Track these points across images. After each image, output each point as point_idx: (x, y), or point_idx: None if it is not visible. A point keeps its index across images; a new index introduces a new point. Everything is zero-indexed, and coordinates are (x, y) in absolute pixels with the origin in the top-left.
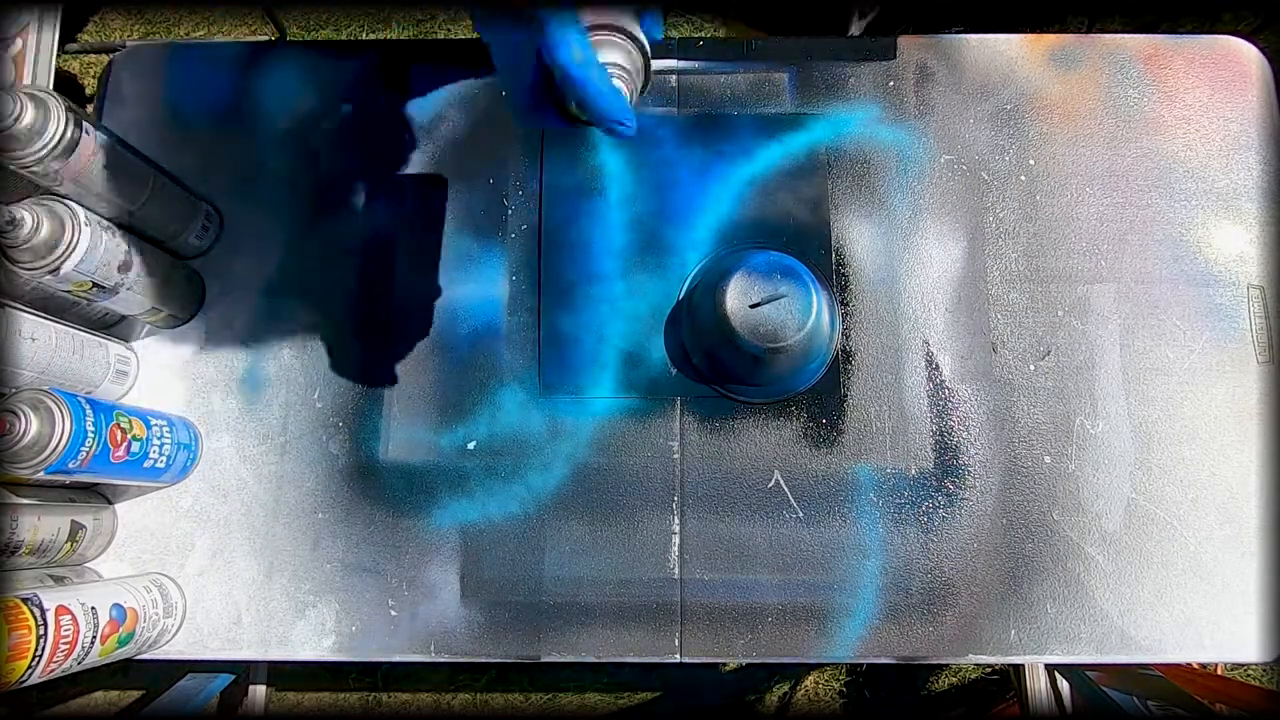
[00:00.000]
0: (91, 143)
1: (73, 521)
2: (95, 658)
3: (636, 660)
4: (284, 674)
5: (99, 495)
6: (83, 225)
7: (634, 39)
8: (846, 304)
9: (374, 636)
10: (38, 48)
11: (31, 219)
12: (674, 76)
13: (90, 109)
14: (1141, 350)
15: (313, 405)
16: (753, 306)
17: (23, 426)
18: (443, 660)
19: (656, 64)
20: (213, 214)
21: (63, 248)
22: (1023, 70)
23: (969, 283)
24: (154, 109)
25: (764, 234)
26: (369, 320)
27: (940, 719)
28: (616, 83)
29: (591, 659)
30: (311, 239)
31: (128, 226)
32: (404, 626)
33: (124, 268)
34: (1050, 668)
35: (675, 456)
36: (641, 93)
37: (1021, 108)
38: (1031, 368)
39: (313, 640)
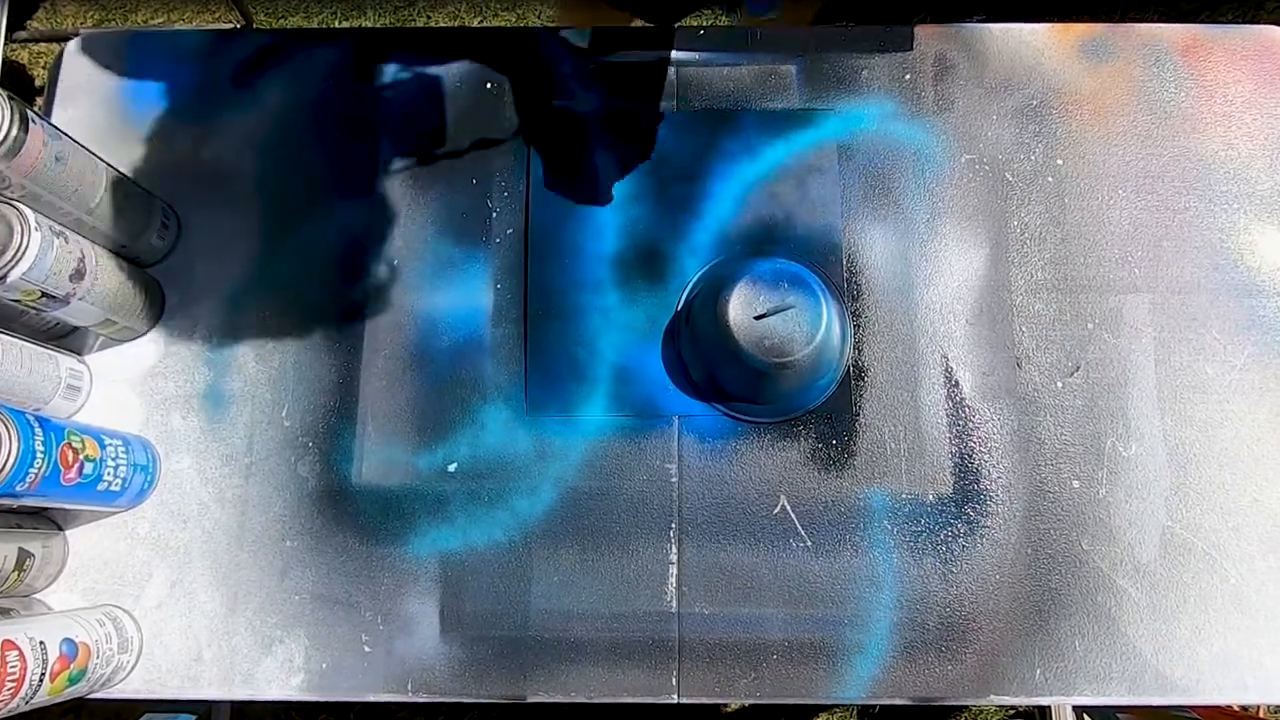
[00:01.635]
0: (40, 140)
1: (20, 549)
2: (44, 697)
3: (630, 701)
4: (249, 714)
5: (48, 521)
6: (31, 230)
7: None
8: (859, 315)
9: (346, 674)
10: None
11: None
12: (672, 69)
13: (39, 103)
14: (1178, 366)
15: (280, 424)
16: (757, 318)
17: None
18: (420, 700)
19: (654, 56)
20: (172, 217)
21: (9, 254)
22: (1050, 62)
23: (991, 293)
24: (109, 103)
25: (769, 239)
26: (341, 332)
27: None
28: None
29: (582, 699)
30: (279, 244)
31: (80, 231)
32: (379, 663)
33: (76, 275)
34: (1079, 709)
35: (673, 480)
36: None
37: (1048, 103)
38: (1059, 385)
39: (280, 678)
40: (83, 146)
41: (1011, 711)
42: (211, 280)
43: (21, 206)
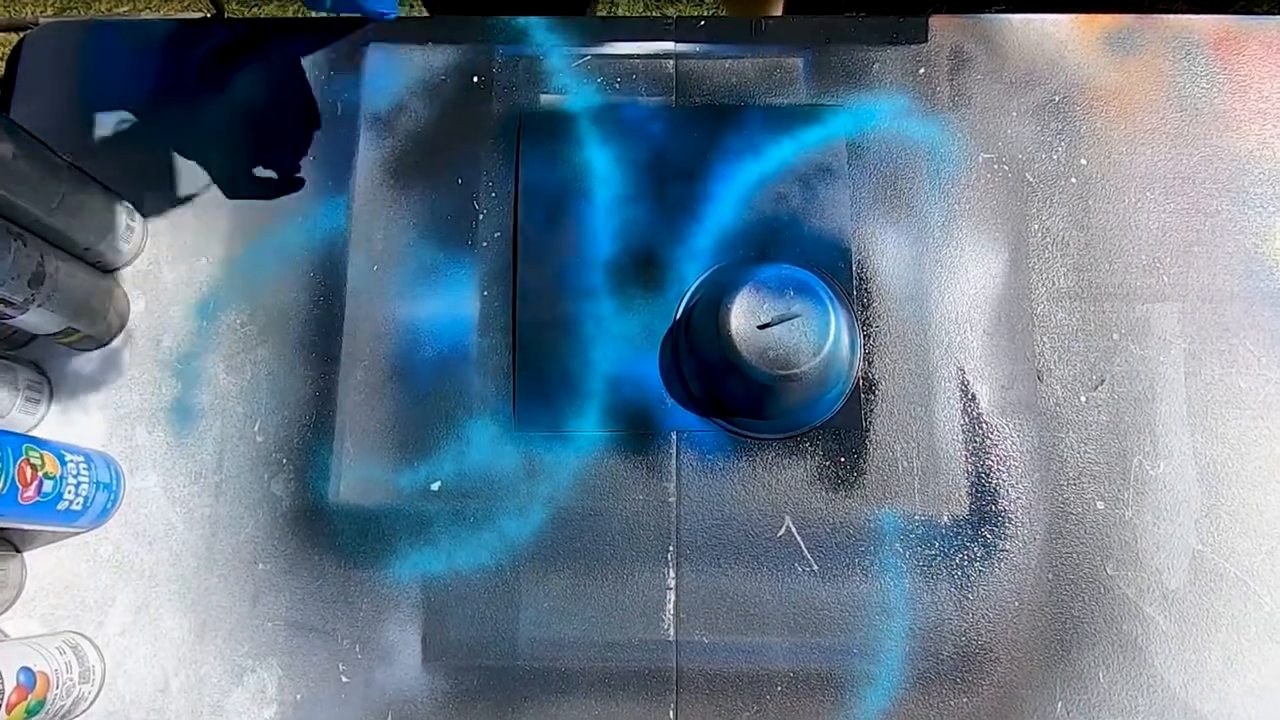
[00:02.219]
0: None
1: None
2: None
3: None
4: None
5: (4, 542)
6: None
7: None
8: (869, 325)
9: (322, 706)
10: None
11: None
12: (671, 61)
13: None
14: (1209, 380)
15: (252, 439)
16: (761, 328)
17: None
18: None
19: (650, 48)
20: (138, 218)
21: None
22: (1074, 56)
23: (1011, 301)
24: (71, 97)
25: (774, 244)
26: (318, 341)
27: None
28: None
29: None
30: (252, 247)
31: (40, 233)
32: (357, 695)
33: (35, 280)
34: None
35: (671, 500)
36: None
37: (1072, 99)
38: (1082, 399)
39: (251, 710)
40: (42, 143)
41: None
42: (180, 286)
43: None
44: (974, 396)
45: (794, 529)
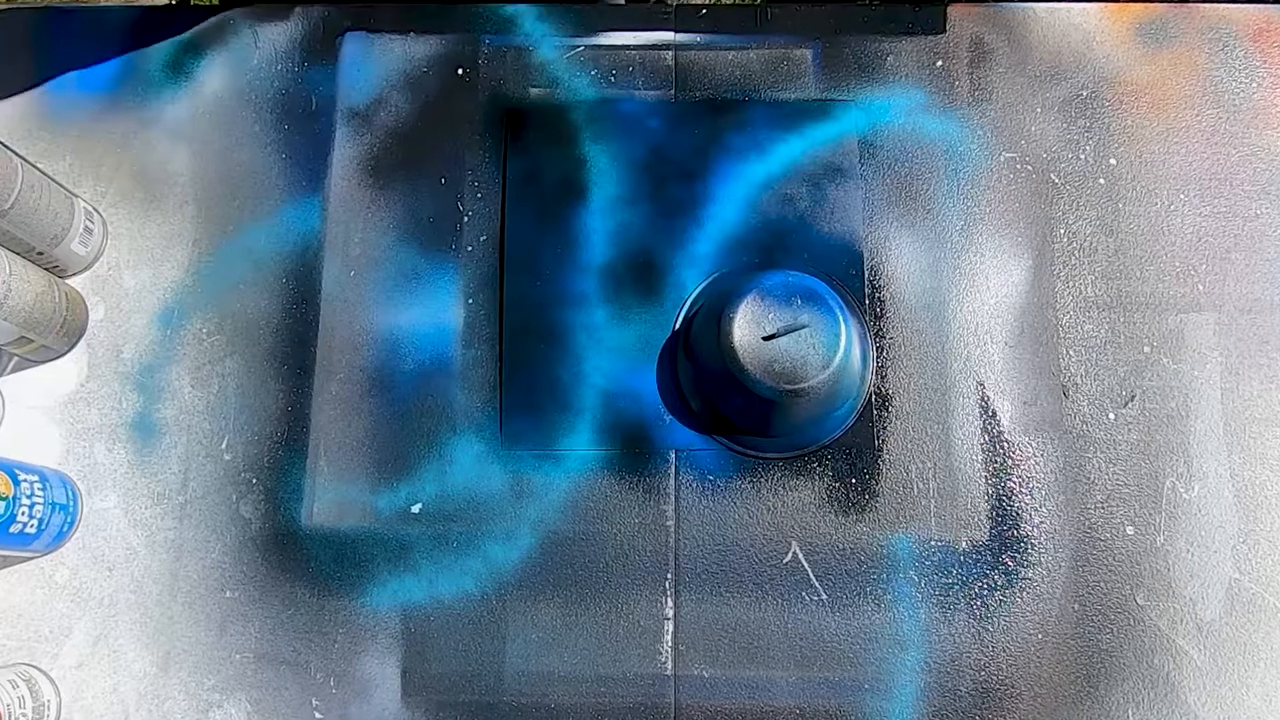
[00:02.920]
0: None
1: None
2: None
3: None
4: None
5: None
6: None
7: None
8: (883, 336)
9: None
10: None
11: None
12: (670, 52)
13: None
14: (1248, 396)
15: (220, 457)
16: (766, 339)
17: None
18: None
19: (648, 38)
20: (97, 219)
21: None
22: (1102, 47)
23: (1034, 311)
24: (24, 90)
25: (780, 249)
26: (290, 352)
27: None
28: None
29: None
30: (220, 251)
31: None
32: None
33: None
34: None
35: (669, 524)
36: None
37: (1100, 94)
38: (1111, 417)
39: None
40: None
41: None
42: (142, 292)
43: None
44: (994, 413)
45: (801, 555)
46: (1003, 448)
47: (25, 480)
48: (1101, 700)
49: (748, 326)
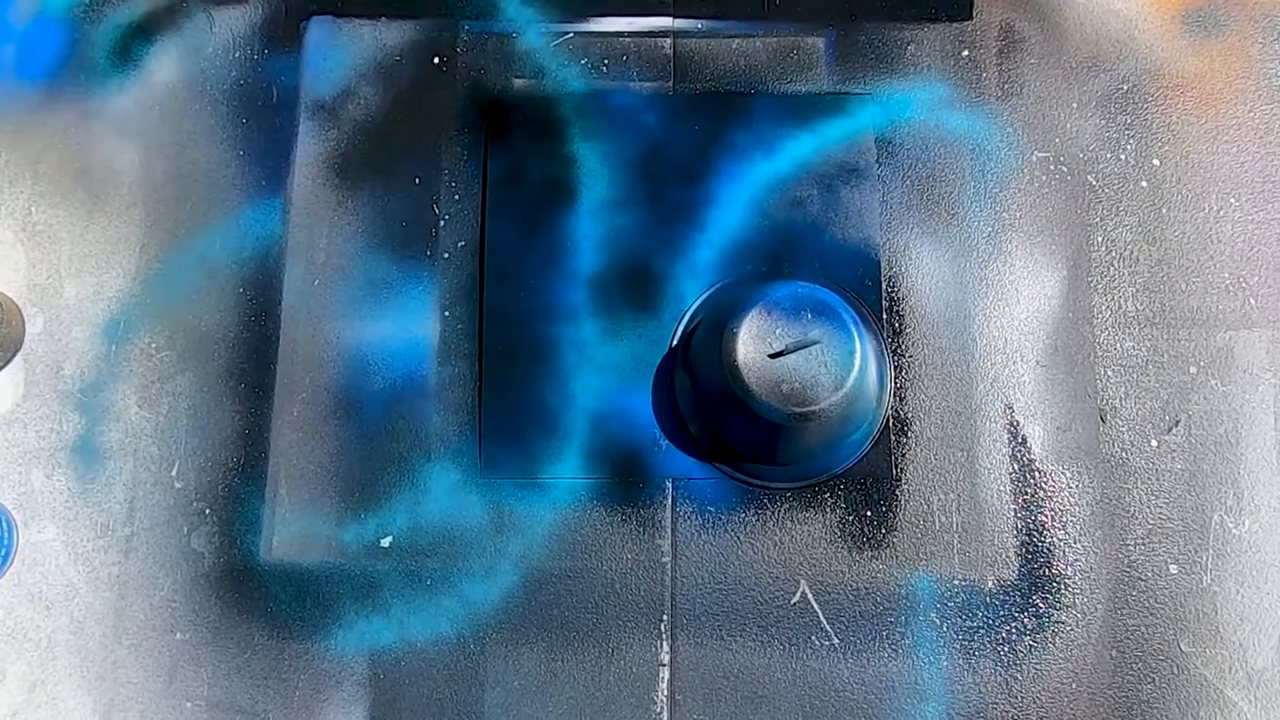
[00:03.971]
0: None
1: None
2: None
3: None
4: None
5: None
6: None
7: None
8: (902, 354)
9: None
10: None
11: None
12: (668, 40)
13: None
14: None
15: (170, 485)
16: (773, 356)
17: None
18: None
19: (645, 24)
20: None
21: None
22: (1145, 37)
23: (1069, 327)
24: None
25: (789, 257)
26: (248, 370)
27: None
28: None
29: None
30: (170, 258)
31: None
32: None
33: None
34: None
35: (664, 560)
36: None
37: (1143, 88)
38: (1153, 444)
39: None
40: None
41: None
42: (84, 303)
43: None
44: (1025, 440)
45: (810, 595)
46: (1034, 478)
47: None
48: None
49: (753, 343)
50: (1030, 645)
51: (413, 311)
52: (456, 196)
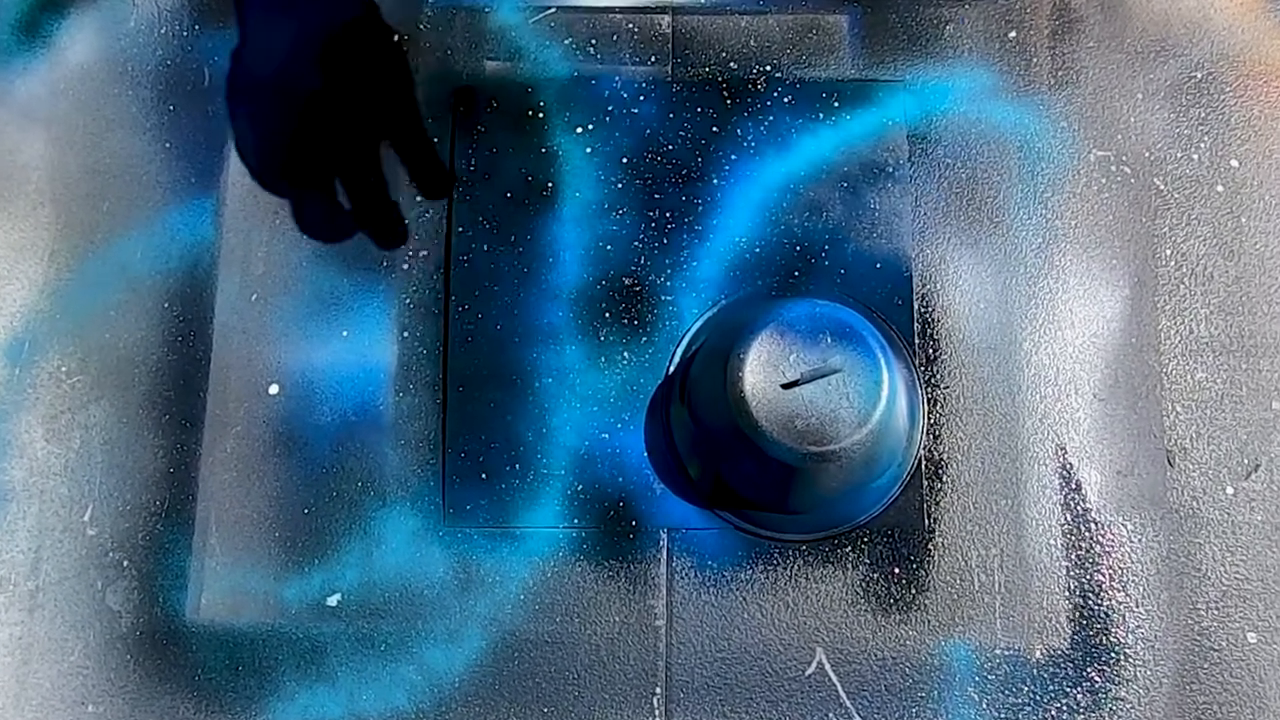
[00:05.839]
0: None
1: None
2: None
3: None
4: None
5: None
6: None
7: None
8: (936, 385)
9: None
10: None
11: None
12: (666, 18)
13: None
14: None
15: (82, 532)
16: (786, 387)
17: None
18: None
19: None
20: None
21: None
22: (1223, 16)
23: (1132, 355)
24: None
25: (805, 271)
26: (174, 398)
27: None
28: None
29: None
30: (83, 268)
31: None
32: None
33: None
34: None
35: (658, 624)
36: None
37: (1219, 77)
38: (1229, 491)
39: None
40: None
41: None
42: None
43: None
44: (1079, 486)
45: (828, 666)
46: (1089, 530)
47: None
48: None
49: (762, 371)
50: None
51: (366, 331)
52: (417, 198)
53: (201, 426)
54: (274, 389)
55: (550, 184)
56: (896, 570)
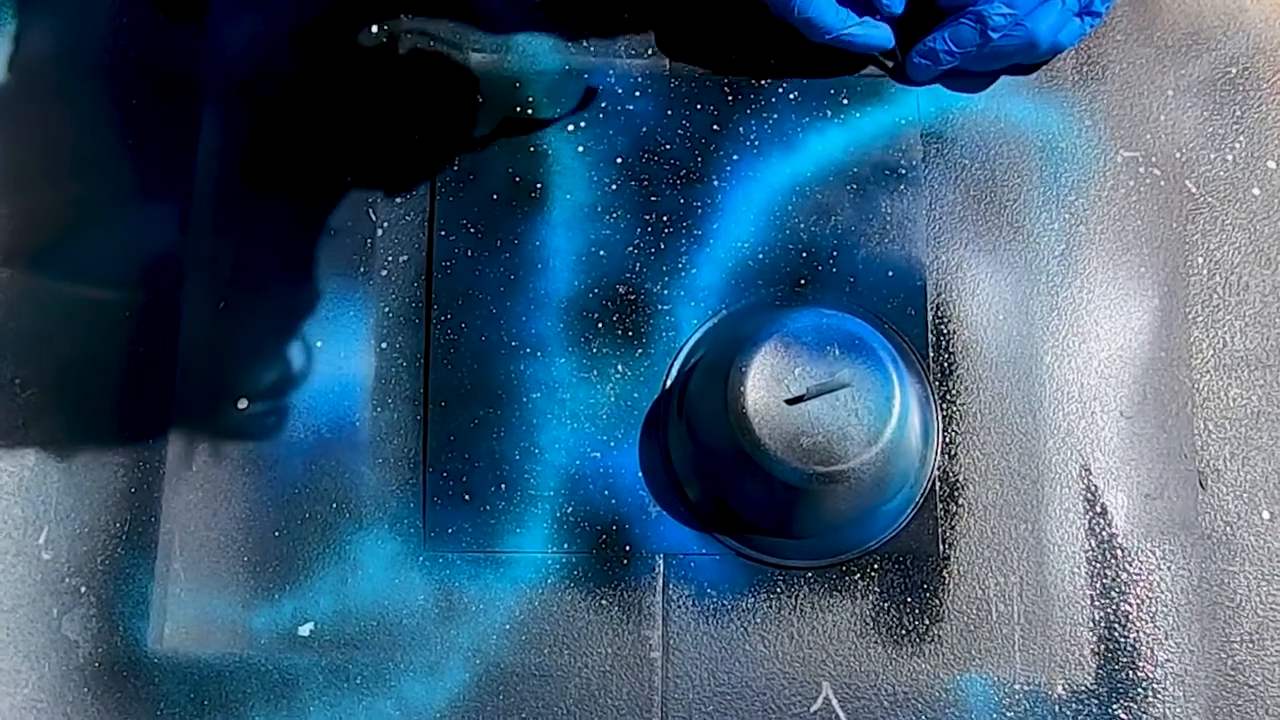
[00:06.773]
0: None
1: None
2: None
3: None
4: None
5: None
6: None
7: None
8: (952, 401)
9: None
10: None
11: None
12: (664, 8)
13: None
14: None
15: (37, 556)
16: (791, 402)
17: None
18: None
19: None
20: None
21: None
22: (1259, 9)
23: (1161, 369)
24: None
25: (812, 279)
26: (136, 412)
27: None
28: None
29: None
30: (38, 270)
31: None
32: None
33: None
34: None
35: (654, 656)
36: None
37: (1255, 72)
38: (1265, 515)
39: None
40: None
41: None
42: None
43: None
44: (1104, 510)
45: (835, 701)
46: (1115, 557)
47: None
48: None
49: (766, 386)
50: None
51: (342, 342)
52: (397, 200)
53: (165, 443)
54: (243, 403)
55: (539, 185)
56: (909, 599)
